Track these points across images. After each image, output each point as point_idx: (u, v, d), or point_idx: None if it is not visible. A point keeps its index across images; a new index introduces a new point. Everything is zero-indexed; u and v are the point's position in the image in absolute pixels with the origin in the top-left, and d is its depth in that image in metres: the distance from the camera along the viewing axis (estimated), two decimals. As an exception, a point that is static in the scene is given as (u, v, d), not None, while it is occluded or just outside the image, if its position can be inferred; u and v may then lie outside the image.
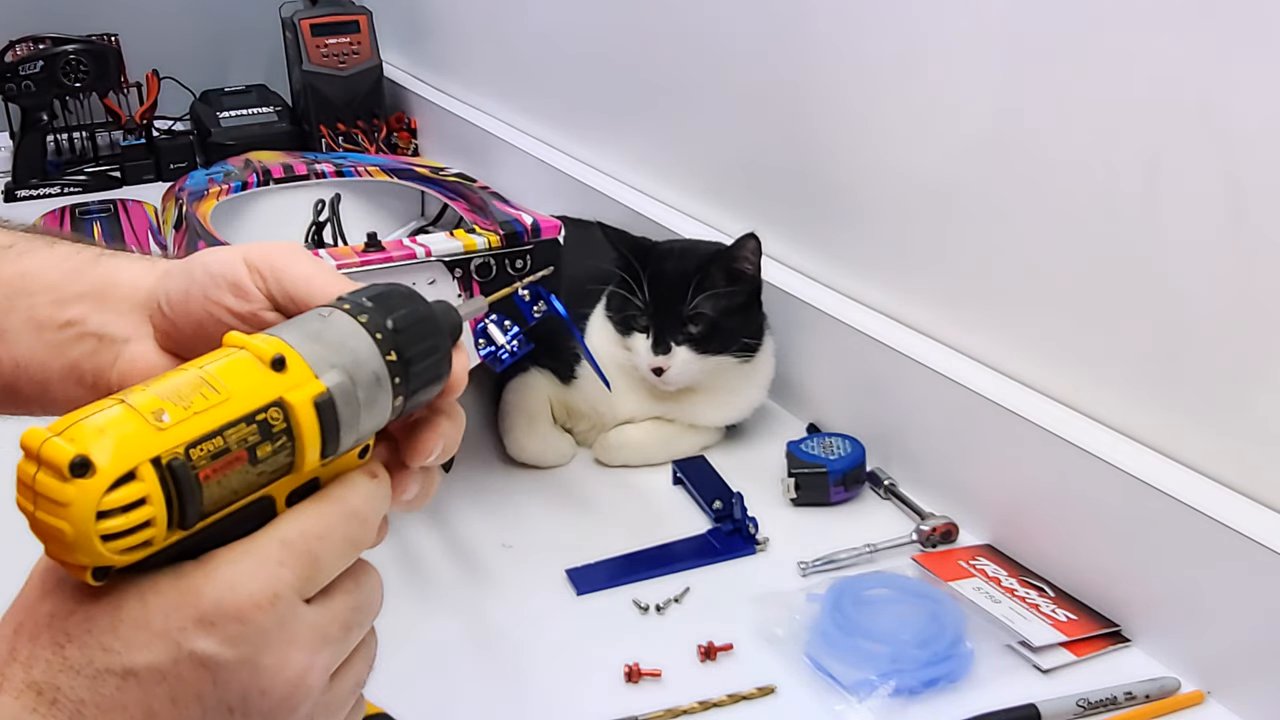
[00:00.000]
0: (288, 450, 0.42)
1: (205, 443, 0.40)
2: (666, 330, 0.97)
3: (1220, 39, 0.70)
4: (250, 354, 0.43)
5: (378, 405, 0.45)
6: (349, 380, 0.44)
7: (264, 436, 0.41)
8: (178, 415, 0.40)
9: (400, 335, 0.45)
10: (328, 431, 0.43)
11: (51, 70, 1.69)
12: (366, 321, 0.45)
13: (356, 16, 1.75)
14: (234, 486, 0.41)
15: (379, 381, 0.45)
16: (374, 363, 0.44)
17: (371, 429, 0.46)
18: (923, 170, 0.95)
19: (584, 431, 1.03)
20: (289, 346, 0.43)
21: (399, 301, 0.47)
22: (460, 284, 0.90)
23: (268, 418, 0.41)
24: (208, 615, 0.40)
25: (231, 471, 0.41)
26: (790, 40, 1.06)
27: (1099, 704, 0.72)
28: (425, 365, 0.46)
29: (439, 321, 0.48)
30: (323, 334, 0.44)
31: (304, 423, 0.42)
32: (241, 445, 0.41)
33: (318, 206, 1.19)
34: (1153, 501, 0.74)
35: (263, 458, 0.41)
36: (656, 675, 0.75)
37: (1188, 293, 0.75)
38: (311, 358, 0.43)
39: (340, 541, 0.45)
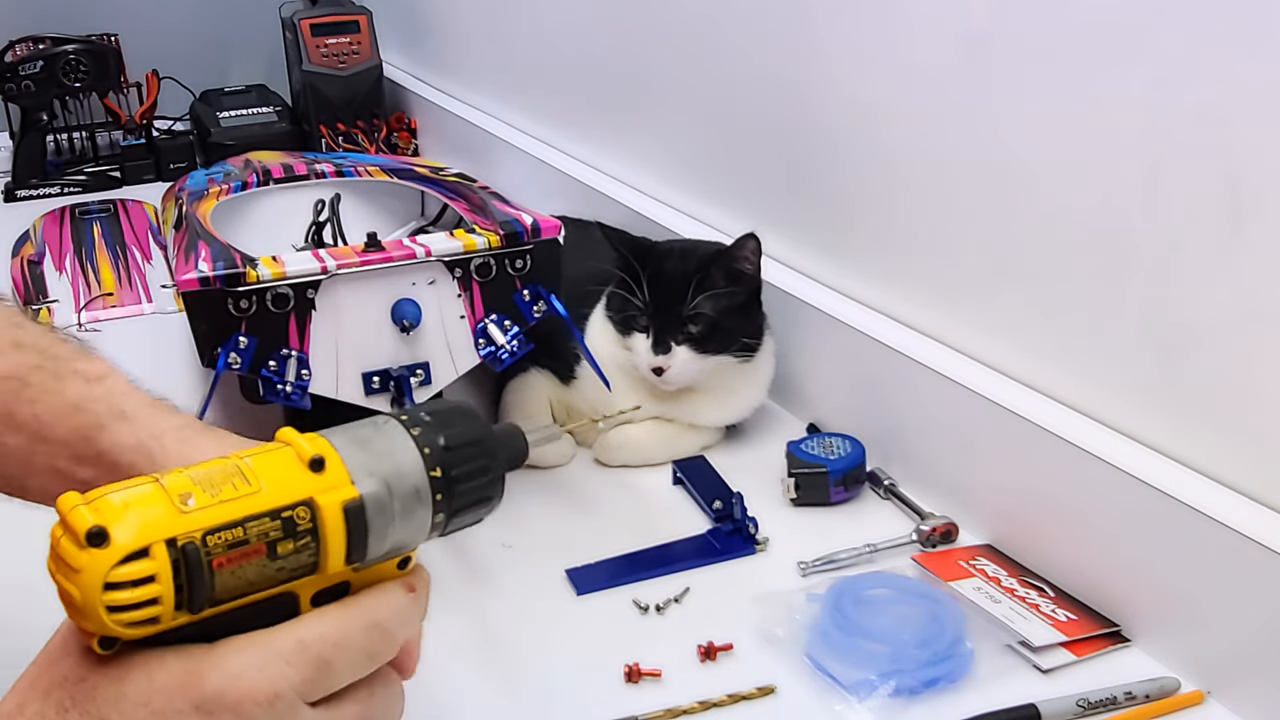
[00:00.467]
0: (311, 550, 0.43)
1: (224, 531, 0.41)
2: (666, 330, 0.97)
3: (1220, 39, 0.70)
4: (293, 451, 0.44)
5: (415, 519, 0.45)
6: (385, 490, 0.44)
7: (287, 533, 0.42)
8: (203, 501, 0.41)
9: (450, 453, 0.46)
10: (354, 537, 0.44)
11: (51, 70, 1.69)
12: (418, 435, 0.46)
13: (356, 16, 1.75)
14: (250, 578, 0.42)
15: (419, 495, 0.45)
16: (416, 476, 0.45)
17: (409, 542, 0.46)
18: (923, 171, 0.94)
19: (584, 431, 1.03)
20: (332, 448, 0.44)
21: (456, 419, 0.47)
22: (460, 284, 0.90)
23: (294, 515, 0.42)
24: (206, 703, 0.41)
25: (248, 563, 0.41)
26: (790, 40, 1.06)
27: (1099, 704, 0.72)
28: (471, 486, 0.47)
29: (494, 445, 0.48)
30: (370, 441, 0.45)
31: (330, 525, 0.43)
32: (261, 539, 0.41)
33: (318, 206, 1.19)
34: (1153, 501, 0.74)
35: (283, 554, 0.42)
36: (656, 675, 0.75)
37: (1188, 293, 0.75)
38: (352, 463, 0.44)
39: (357, 651, 0.44)
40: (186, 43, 1.95)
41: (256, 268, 0.86)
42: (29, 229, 1.51)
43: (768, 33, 1.08)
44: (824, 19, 1.01)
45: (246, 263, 0.87)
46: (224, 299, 0.85)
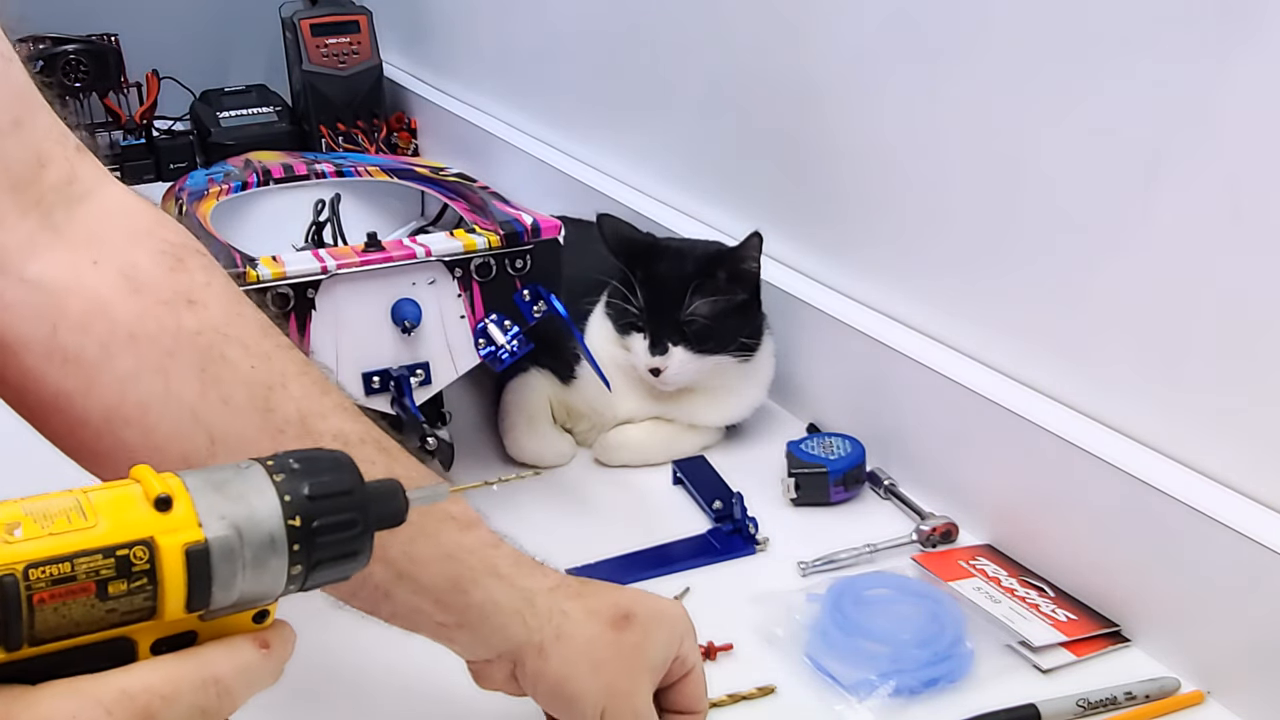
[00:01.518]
0: (147, 594, 0.40)
1: (50, 565, 0.38)
2: (663, 331, 0.97)
3: (1220, 38, 0.70)
4: (140, 488, 0.41)
5: (268, 569, 0.42)
6: (236, 535, 0.41)
7: (120, 573, 0.39)
8: (31, 532, 0.38)
9: (313, 503, 0.43)
10: (196, 583, 0.41)
11: (51, 70, 1.68)
12: (281, 481, 0.43)
13: (356, 16, 1.75)
14: (76, 617, 0.39)
15: (273, 544, 0.42)
16: (272, 523, 0.42)
17: (262, 594, 0.43)
18: (924, 170, 0.94)
19: (584, 431, 1.03)
20: (184, 488, 0.41)
21: (326, 468, 0.44)
22: (460, 284, 0.90)
23: (130, 554, 0.39)
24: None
25: (74, 600, 0.39)
26: (790, 40, 1.06)
27: (1099, 704, 0.72)
28: (334, 539, 0.44)
29: (364, 498, 0.45)
30: (227, 484, 0.42)
31: (169, 568, 0.40)
32: (91, 576, 0.39)
33: (318, 206, 1.19)
34: (1153, 501, 0.74)
35: (115, 594, 0.39)
36: (656, 675, 0.75)
37: (1189, 293, 0.75)
38: (202, 505, 0.41)
39: (187, 706, 0.41)
40: (186, 43, 1.95)
41: (256, 267, 0.86)
42: (29, 229, 1.51)
43: (768, 32, 1.08)
44: (824, 18, 1.01)
45: (246, 262, 0.86)
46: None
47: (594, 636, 0.61)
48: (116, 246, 0.56)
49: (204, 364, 0.55)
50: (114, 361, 0.54)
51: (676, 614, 0.65)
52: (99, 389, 0.54)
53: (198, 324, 0.56)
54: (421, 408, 0.90)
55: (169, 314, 0.55)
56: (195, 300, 0.56)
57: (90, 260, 0.55)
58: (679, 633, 0.64)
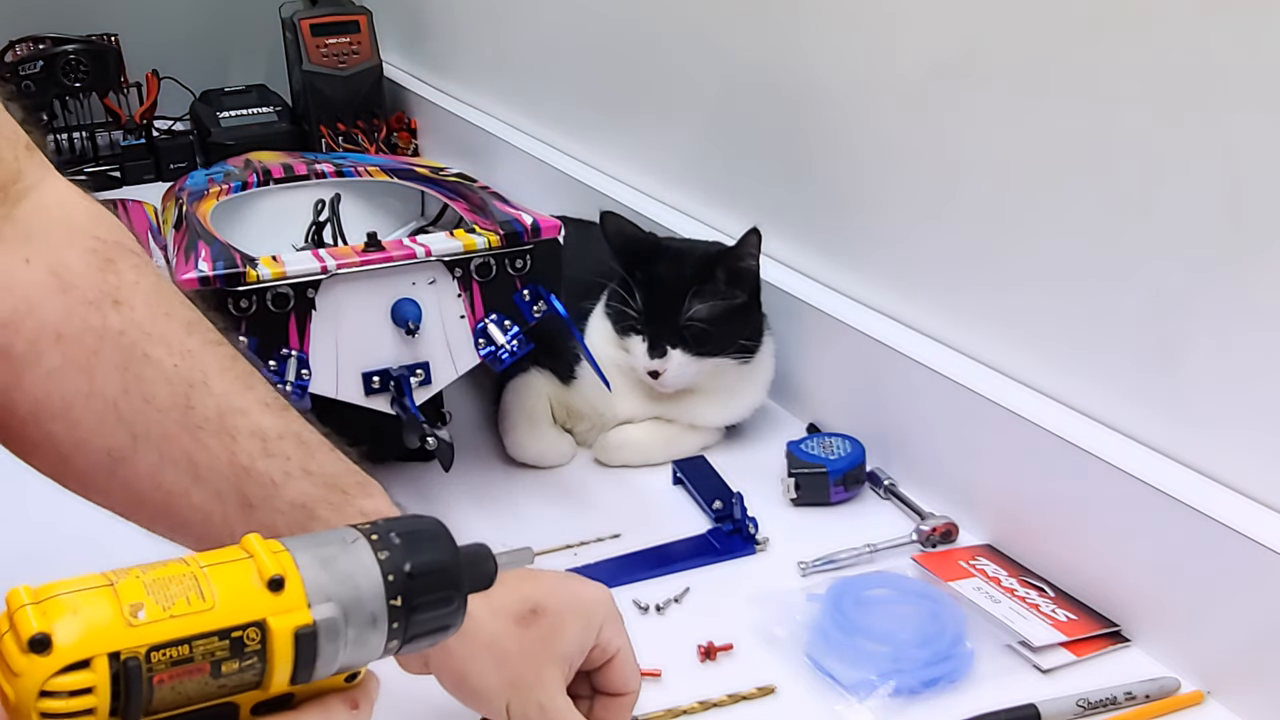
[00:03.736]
0: (256, 671, 0.42)
1: (170, 649, 0.40)
2: (662, 333, 0.97)
3: (1221, 37, 0.70)
4: (254, 564, 0.43)
5: (368, 645, 0.44)
6: (342, 617, 0.43)
7: (234, 654, 0.41)
8: (154, 614, 0.40)
9: (414, 581, 0.45)
10: (302, 661, 0.43)
11: (51, 70, 1.68)
12: (385, 560, 0.45)
13: (356, 16, 1.75)
14: (189, 693, 0.41)
15: (375, 623, 0.44)
16: (375, 604, 0.44)
17: (355, 663, 0.45)
18: (923, 170, 0.94)
19: (584, 431, 1.03)
20: (295, 568, 0.43)
21: (426, 545, 0.46)
22: (460, 284, 0.90)
23: (244, 636, 0.41)
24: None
25: (190, 680, 0.41)
26: (790, 40, 1.06)
27: (1099, 704, 0.72)
28: (430, 616, 0.46)
29: (459, 574, 0.47)
30: (335, 561, 0.44)
31: (279, 650, 0.42)
32: (207, 658, 0.41)
33: (318, 206, 1.19)
34: (1153, 501, 0.74)
35: (227, 673, 0.41)
36: (656, 675, 0.75)
37: (1189, 293, 0.75)
38: (312, 585, 0.43)
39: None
40: (186, 43, 1.95)
41: (256, 267, 0.86)
42: (29, 229, 1.51)
43: (768, 32, 1.08)
44: (824, 19, 1.01)
45: (246, 262, 0.86)
46: (224, 299, 0.85)
47: (497, 633, 0.60)
48: (49, 245, 0.58)
49: (126, 363, 0.56)
50: (41, 359, 0.55)
51: (593, 601, 0.64)
52: (26, 384, 0.56)
53: (122, 323, 0.57)
54: (421, 408, 0.90)
55: (94, 313, 0.57)
56: (121, 300, 0.57)
57: (23, 258, 0.57)
58: (596, 620, 0.63)
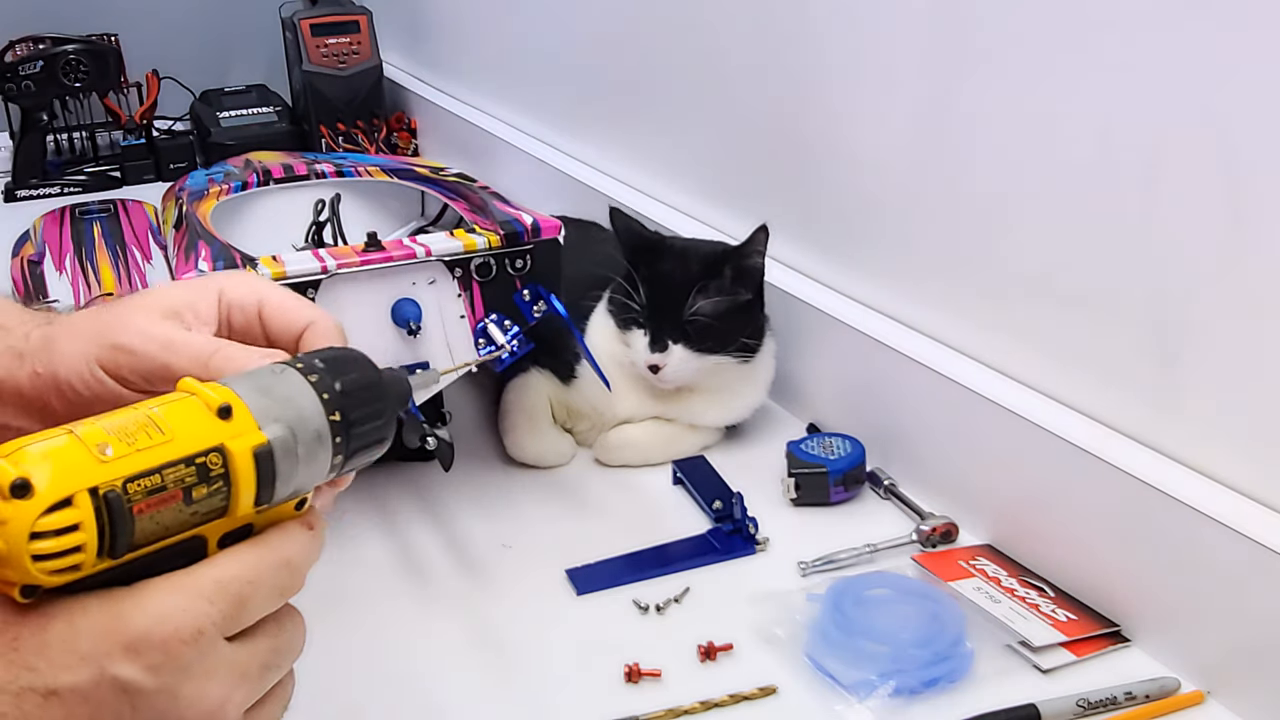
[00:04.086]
0: (223, 494, 0.44)
1: (143, 479, 0.42)
2: (665, 328, 0.97)
3: (1221, 37, 0.70)
4: (199, 400, 0.45)
5: (317, 461, 0.47)
6: (290, 435, 0.46)
7: (201, 479, 0.44)
8: (120, 450, 0.42)
9: (346, 398, 0.48)
10: (264, 480, 0.45)
11: (51, 70, 1.69)
12: (316, 381, 0.47)
13: (356, 16, 1.75)
14: (166, 523, 0.43)
15: (320, 439, 0.47)
16: (317, 421, 0.47)
17: (309, 483, 0.48)
18: (923, 170, 0.94)
19: (584, 431, 1.03)
20: (237, 396, 0.45)
21: (350, 366, 0.49)
22: (460, 284, 0.90)
23: (207, 462, 0.44)
24: (134, 644, 0.42)
25: (165, 508, 0.43)
26: (790, 40, 1.06)
27: (1099, 704, 0.72)
28: (367, 429, 0.49)
29: (386, 388, 0.50)
30: (272, 389, 0.46)
31: (241, 470, 0.44)
32: (178, 485, 0.43)
33: (318, 206, 1.19)
34: (1153, 501, 0.74)
35: (198, 499, 0.44)
36: (656, 675, 0.75)
37: (1189, 293, 0.75)
38: (257, 409, 0.45)
39: (269, 588, 0.47)
40: (186, 43, 1.95)
41: (256, 267, 0.86)
42: (29, 229, 1.51)
43: (768, 33, 1.08)
44: (824, 19, 1.01)
45: (246, 262, 0.87)
46: None
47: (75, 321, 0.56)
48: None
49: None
50: None
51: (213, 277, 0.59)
52: None
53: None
54: (421, 408, 0.90)
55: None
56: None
57: None
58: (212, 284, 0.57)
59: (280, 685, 0.49)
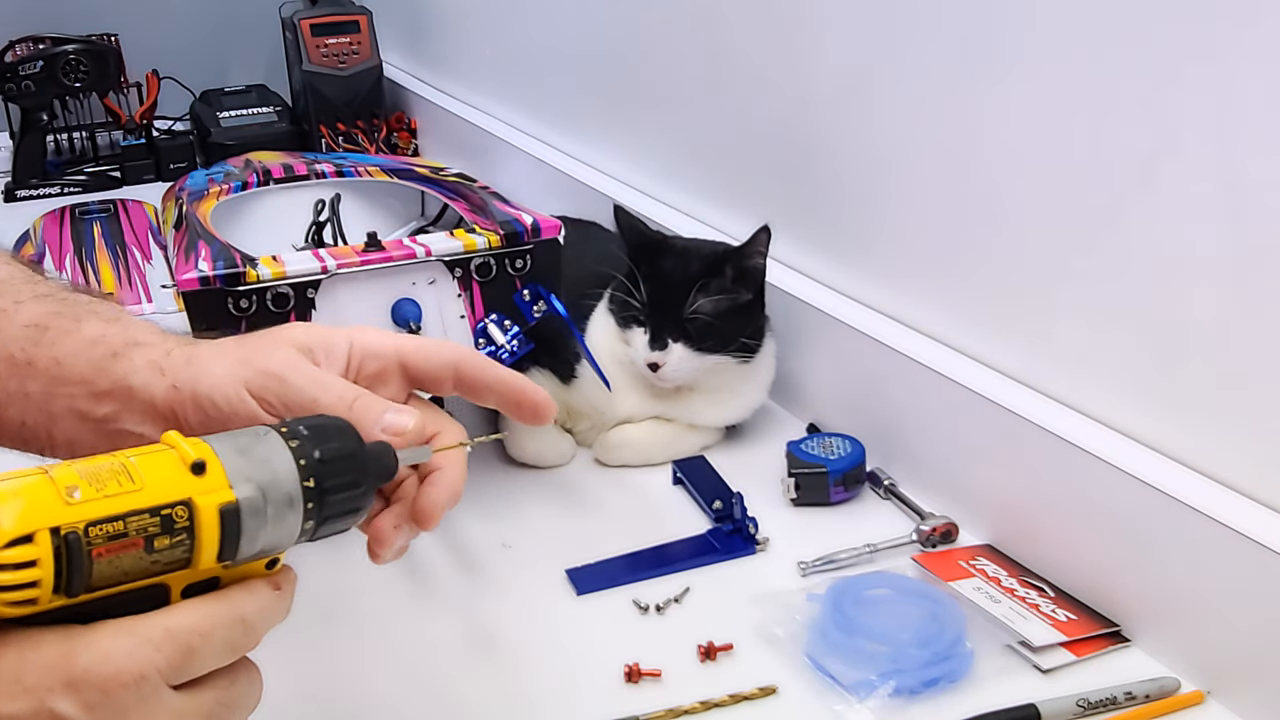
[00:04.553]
0: (185, 547, 0.46)
1: (106, 524, 0.44)
2: (665, 326, 0.97)
3: (1221, 37, 0.70)
4: (177, 454, 0.47)
5: (286, 524, 0.48)
6: (260, 496, 0.47)
7: (164, 530, 0.45)
8: (88, 494, 0.44)
9: (324, 466, 0.49)
10: (228, 538, 0.47)
11: (51, 70, 1.68)
12: (296, 447, 0.49)
13: (356, 16, 1.75)
14: (126, 568, 0.45)
15: (291, 503, 0.48)
16: (290, 485, 0.48)
17: (278, 545, 0.49)
18: (923, 170, 0.95)
19: (584, 431, 1.03)
20: (214, 454, 0.47)
21: (333, 436, 0.50)
22: (460, 284, 0.91)
23: (173, 514, 0.45)
24: (75, 681, 0.43)
25: (125, 554, 0.44)
26: (790, 39, 1.06)
27: (1099, 704, 0.72)
28: (341, 498, 0.50)
29: (365, 461, 0.51)
30: (250, 449, 0.48)
31: (205, 526, 0.46)
32: (140, 533, 0.44)
33: (318, 206, 1.19)
34: (1153, 501, 0.74)
35: (159, 549, 0.45)
36: (656, 675, 0.75)
37: (1188, 292, 0.75)
38: (231, 468, 0.47)
39: (220, 642, 0.47)
40: (186, 43, 1.95)
41: (256, 267, 0.86)
42: (29, 229, 1.51)
43: (768, 32, 1.08)
44: (824, 20, 1.01)
45: (246, 262, 0.87)
46: (224, 299, 0.85)
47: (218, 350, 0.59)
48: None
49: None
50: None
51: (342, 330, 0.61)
52: None
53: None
54: (421, 408, 0.90)
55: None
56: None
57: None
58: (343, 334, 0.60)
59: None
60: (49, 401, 0.58)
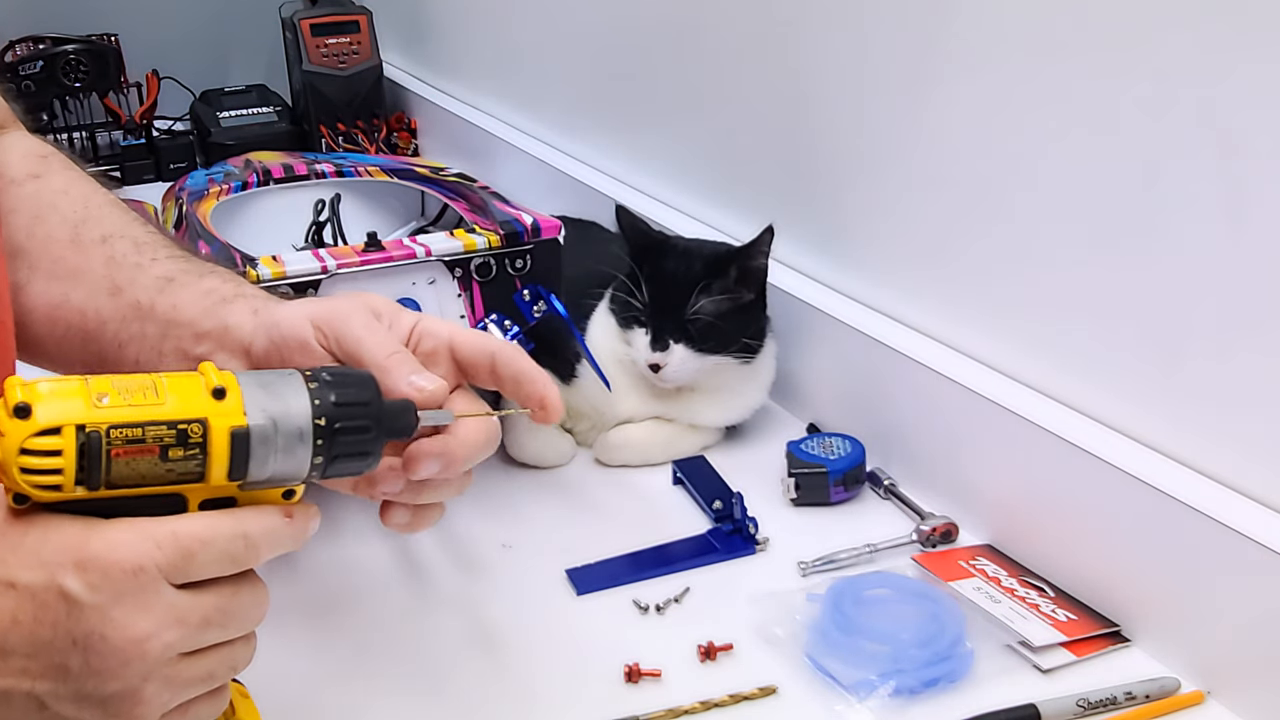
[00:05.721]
0: (198, 461, 0.50)
1: (127, 429, 0.48)
2: (666, 327, 0.97)
3: (1221, 37, 0.70)
4: (204, 379, 0.51)
5: (295, 457, 0.52)
6: (272, 426, 0.51)
7: (179, 442, 0.49)
8: (115, 401, 0.49)
9: (337, 409, 0.53)
10: (237, 458, 0.50)
11: (51, 70, 1.68)
12: (315, 389, 0.53)
13: (356, 16, 1.75)
14: (142, 471, 0.49)
15: (302, 437, 0.52)
16: (302, 420, 0.52)
17: (289, 475, 0.53)
18: (923, 171, 0.95)
19: (584, 431, 1.03)
20: (236, 384, 0.51)
21: (353, 384, 0.54)
22: (460, 284, 0.91)
23: (189, 429, 0.49)
24: (83, 561, 0.49)
25: (141, 458, 0.49)
26: (790, 40, 1.06)
27: (1099, 704, 0.72)
28: (350, 440, 0.53)
29: (379, 411, 0.55)
30: (272, 384, 0.52)
31: (216, 444, 0.50)
32: (156, 441, 0.49)
33: (318, 206, 1.19)
34: (1153, 501, 0.74)
35: (174, 459, 0.49)
36: (656, 675, 0.75)
37: (1188, 292, 0.75)
38: (250, 399, 0.51)
39: (219, 552, 0.51)
40: (186, 43, 1.95)
41: (256, 267, 0.86)
42: (29, 229, 1.51)
43: (768, 33, 1.08)
44: (824, 20, 1.01)
45: (246, 262, 0.87)
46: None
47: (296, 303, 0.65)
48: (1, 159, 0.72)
49: (36, 212, 0.70)
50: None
51: None
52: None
53: (36, 188, 0.71)
54: (421, 408, 0.90)
55: (14, 186, 0.71)
56: (40, 174, 0.72)
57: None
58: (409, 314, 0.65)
59: (228, 645, 0.53)
60: (161, 342, 0.65)
